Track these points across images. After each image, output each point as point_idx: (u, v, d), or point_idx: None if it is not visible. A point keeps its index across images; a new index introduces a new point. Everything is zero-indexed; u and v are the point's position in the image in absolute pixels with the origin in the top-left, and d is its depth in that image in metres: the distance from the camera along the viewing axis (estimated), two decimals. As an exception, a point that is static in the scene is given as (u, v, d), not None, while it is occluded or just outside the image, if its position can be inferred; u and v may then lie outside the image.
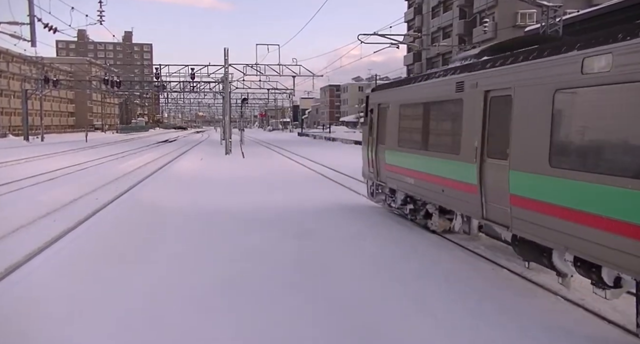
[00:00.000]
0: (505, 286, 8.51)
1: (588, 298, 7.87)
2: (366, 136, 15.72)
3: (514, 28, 51.84)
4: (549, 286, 8.42)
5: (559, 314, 7.34)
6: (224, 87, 46.21)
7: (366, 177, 16.20)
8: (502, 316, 7.13)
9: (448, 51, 67.11)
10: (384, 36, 31.33)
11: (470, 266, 9.63)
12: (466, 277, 8.88)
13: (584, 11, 26.67)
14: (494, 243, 10.78)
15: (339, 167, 29.72)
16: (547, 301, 7.90)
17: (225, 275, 8.96)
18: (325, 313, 7.21)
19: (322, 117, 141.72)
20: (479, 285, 8.43)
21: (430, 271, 9.25)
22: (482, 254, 10.50)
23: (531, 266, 8.77)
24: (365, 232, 12.53)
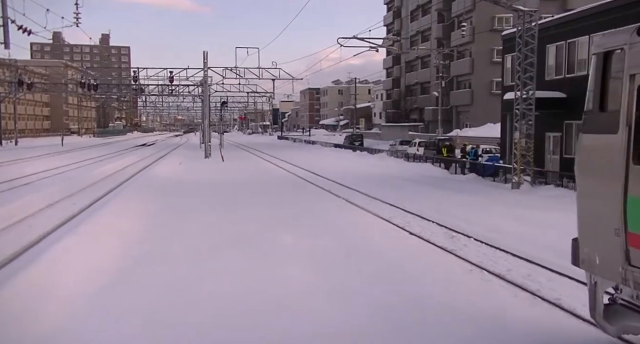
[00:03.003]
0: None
1: (564, 297, 8.00)
2: (599, 155, 5.91)
3: (491, 32, 52.44)
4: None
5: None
6: (203, 91, 45.96)
7: (591, 264, 6.14)
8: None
9: (427, 54, 67.62)
10: (363, 40, 31.45)
11: None
12: None
13: (559, 16, 27.08)
14: None
15: (320, 170, 29.75)
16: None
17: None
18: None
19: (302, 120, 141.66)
20: None
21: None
22: None
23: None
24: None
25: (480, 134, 43.70)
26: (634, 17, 19.66)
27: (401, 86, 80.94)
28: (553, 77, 24.67)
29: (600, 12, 21.74)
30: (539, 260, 10.17)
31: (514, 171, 22.14)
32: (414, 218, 15.16)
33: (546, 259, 10.20)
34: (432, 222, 14.39)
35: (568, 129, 23.71)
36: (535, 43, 21.75)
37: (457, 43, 58.18)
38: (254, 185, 23.51)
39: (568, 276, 9.10)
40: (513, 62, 24.74)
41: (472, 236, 12.42)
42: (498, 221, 14.67)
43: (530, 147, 22.10)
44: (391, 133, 68.59)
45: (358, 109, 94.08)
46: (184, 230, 13.27)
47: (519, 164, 21.90)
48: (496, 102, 33.23)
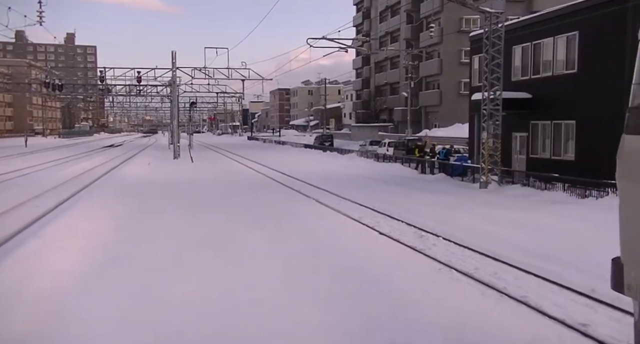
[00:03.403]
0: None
1: (531, 294, 8.10)
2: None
3: (458, 33, 53.02)
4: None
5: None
6: (172, 91, 45.44)
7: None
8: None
9: (396, 55, 68.07)
10: (332, 40, 31.51)
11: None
12: None
13: (524, 18, 27.52)
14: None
15: (290, 171, 29.67)
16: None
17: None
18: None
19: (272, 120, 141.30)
20: None
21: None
22: None
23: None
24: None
25: (448, 134, 44.18)
26: (597, 19, 20.11)
27: (371, 86, 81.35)
28: (519, 78, 25.05)
29: (565, 14, 22.17)
30: (506, 258, 10.28)
31: (482, 171, 22.41)
32: (383, 218, 15.21)
33: (513, 258, 10.32)
34: (402, 221, 14.45)
35: (534, 129, 24.10)
36: (502, 44, 22.06)
37: (426, 44, 58.71)
38: (223, 186, 23.32)
39: (534, 274, 9.23)
40: (480, 63, 25.07)
41: (440, 236, 12.51)
42: (466, 220, 14.82)
43: (498, 147, 22.40)
44: (361, 133, 68.85)
45: (328, 110, 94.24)
46: (152, 232, 13.05)
47: (487, 164, 22.17)
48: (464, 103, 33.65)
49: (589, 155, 20.37)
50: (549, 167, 21.82)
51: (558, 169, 20.88)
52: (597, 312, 7.43)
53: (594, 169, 18.75)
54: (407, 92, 57.71)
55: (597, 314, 7.32)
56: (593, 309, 7.56)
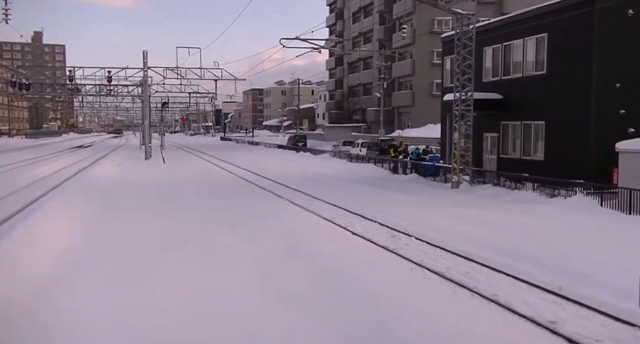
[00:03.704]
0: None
1: (501, 293, 8.20)
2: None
3: (431, 34, 53.49)
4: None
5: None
6: (143, 91, 44.89)
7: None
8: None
9: (369, 56, 68.37)
10: (305, 40, 31.46)
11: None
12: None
13: (495, 19, 27.87)
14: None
15: (263, 171, 29.55)
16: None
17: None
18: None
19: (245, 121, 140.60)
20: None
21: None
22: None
23: None
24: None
25: (421, 134, 44.48)
26: (565, 21, 20.46)
27: (344, 86, 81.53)
28: (490, 79, 25.36)
29: (534, 17, 22.49)
30: (478, 258, 10.40)
31: (454, 171, 22.62)
32: (356, 218, 15.25)
33: (484, 257, 10.44)
34: (374, 222, 14.51)
35: (504, 130, 24.42)
36: (473, 45, 22.30)
37: (399, 45, 59.04)
38: (195, 187, 23.12)
39: (505, 273, 9.34)
40: (452, 64, 25.28)
41: (413, 235, 12.59)
42: (438, 219, 14.94)
43: (469, 147, 22.64)
44: (334, 134, 68.95)
45: (301, 110, 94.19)
46: (123, 233, 12.86)
47: (459, 164, 22.39)
48: (436, 103, 33.90)
49: (558, 155, 20.71)
50: (519, 167, 22.13)
51: (528, 169, 21.19)
52: (564, 309, 7.56)
53: (563, 169, 19.09)
54: (380, 92, 57.99)
55: (565, 312, 7.45)
56: (561, 306, 7.68)
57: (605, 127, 18.93)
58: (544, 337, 6.70)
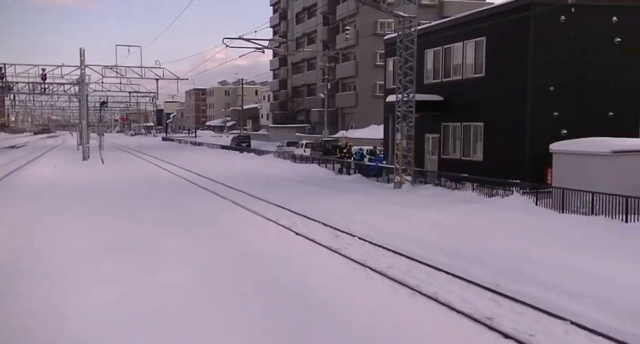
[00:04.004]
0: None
1: (441, 291, 8.35)
2: None
3: (374, 36, 54.12)
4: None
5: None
6: (80, 90, 43.47)
7: None
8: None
9: (313, 57, 68.57)
10: (249, 40, 31.26)
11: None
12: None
13: (435, 22, 28.48)
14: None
15: (206, 172, 29.15)
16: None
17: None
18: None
19: (188, 121, 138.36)
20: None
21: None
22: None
23: None
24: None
25: (365, 135, 44.93)
26: (503, 25, 21.08)
27: (288, 87, 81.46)
28: (431, 81, 25.84)
29: (473, 20, 23.08)
30: (419, 256, 10.56)
31: (396, 171, 22.94)
32: (300, 218, 15.23)
33: (425, 256, 10.61)
34: (318, 222, 14.53)
35: (445, 131, 24.94)
36: (415, 48, 22.68)
37: (342, 46, 59.45)
38: (136, 188, 22.57)
39: (445, 271, 9.52)
40: (395, 66, 25.62)
41: (356, 235, 12.67)
42: (381, 219, 15.10)
43: (411, 148, 23.00)
44: (278, 134, 68.79)
45: (245, 110, 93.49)
46: (58, 236, 12.40)
47: (401, 165, 22.72)
48: (380, 104, 34.28)
49: (496, 156, 21.31)
50: (460, 167, 22.64)
51: (468, 169, 21.70)
52: (501, 306, 7.76)
53: (501, 169, 19.66)
54: (324, 93, 58.23)
55: (502, 308, 7.65)
56: (497, 302, 7.89)
57: (540, 129, 19.60)
58: (482, 333, 6.85)
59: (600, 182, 14.93)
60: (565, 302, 7.81)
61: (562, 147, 17.04)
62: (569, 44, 19.85)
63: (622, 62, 20.34)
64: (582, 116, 19.55)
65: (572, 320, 7.02)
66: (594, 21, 20.11)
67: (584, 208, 14.94)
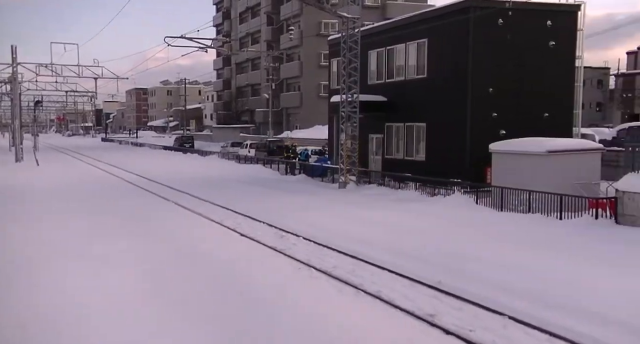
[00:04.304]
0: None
1: (384, 289, 8.42)
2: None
3: (318, 36, 54.28)
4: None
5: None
6: (12, 89, 41.68)
7: None
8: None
9: (257, 57, 68.17)
10: (191, 39, 30.69)
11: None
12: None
13: (378, 24, 28.80)
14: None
15: (148, 174, 28.49)
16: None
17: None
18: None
19: (129, 121, 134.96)
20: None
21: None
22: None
23: None
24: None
25: (309, 135, 45.00)
26: (444, 28, 21.52)
27: (232, 87, 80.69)
28: (375, 81, 26.12)
29: (415, 22, 23.46)
30: (363, 256, 10.62)
31: (341, 171, 23.06)
32: (245, 219, 15.09)
33: (369, 255, 10.68)
34: (263, 222, 14.43)
35: (389, 131, 25.26)
36: (359, 49, 22.86)
37: (286, 46, 59.38)
38: (74, 190, 21.81)
39: (388, 270, 9.61)
40: (339, 67, 25.76)
41: (301, 235, 12.64)
42: (326, 219, 15.13)
43: (356, 148, 23.17)
44: (222, 135, 68.05)
45: (188, 111, 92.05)
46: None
47: (346, 165, 22.86)
48: (324, 105, 34.41)
49: (438, 156, 21.73)
50: (403, 167, 22.96)
51: (411, 169, 22.04)
52: (442, 302, 7.89)
53: (443, 169, 20.05)
54: (268, 93, 57.98)
55: (443, 305, 7.77)
56: (439, 300, 8.01)
57: (480, 130, 20.12)
58: (424, 330, 6.94)
59: (537, 181, 15.44)
60: (504, 298, 8.01)
61: (501, 147, 17.53)
62: (506, 47, 20.46)
63: (556, 65, 21.15)
64: (520, 116, 20.20)
65: (510, 315, 7.20)
66: (529, 25, 20.83)
67: (521, 206, 15.42)
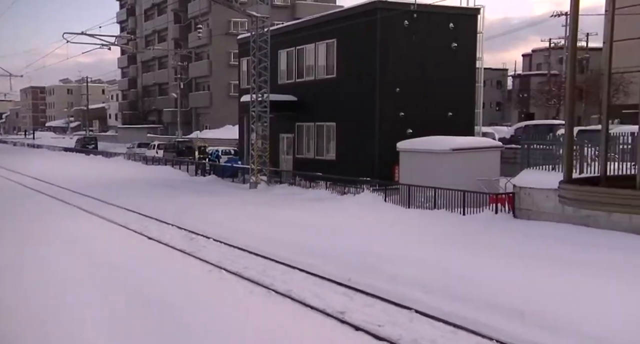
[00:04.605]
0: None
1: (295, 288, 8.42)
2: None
3: (227, 35, 53.59)
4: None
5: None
6: None
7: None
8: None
9: (164, 55, 66.34)
10: (93, 36, 29.40)
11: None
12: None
13: (288, 23, 28.87)
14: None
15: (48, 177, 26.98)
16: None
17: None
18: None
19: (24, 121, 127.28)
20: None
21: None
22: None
23: None
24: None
25: (220, 135, 44.37)
26: (352, 28, 21.87)
27: (138, 86, 78.04)
28: (285, 81, 26.14)
29: (324, 22, 23.69)
30: (274, 256, 10.58)
31: (252, 172, 22.89)
32: (152, 222, 14.65)
33: (280, 255, 10.66)
34: (172, 225, 14.08)
35: (299, 131, 25.37)
36: (268, 48, 22.77)
37: (195, 45, 58.22)
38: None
39: (299, 269, 9.63)
40: (249, 66, 25.55)
41: (211, 237, 12.42)
42: (237, 220, 14.95)
43: (266, 148, 23.08)
44: (129, 135, 65.72)
45: (91, 110, 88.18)
46: None
47: (256, 165, 22.71)
48: (234, 105, 34.02)
49: (348, 155, 22.05)
50: (314, 166, 23.12)
51: (322, 169, 22.22)
52: (352, 299, 8.00)
53: (353, 168, 20.37)
54: (176, 93, 56.54)
55: (353, 302, 7.88)
56: (349, 297, 8.12)
57: (388, 129, 20.61)
58: (334, 327, 7.00)
59: (442, 178, 16.01)
60: (412, 292, 8.23)
61: (408, 146, 18.05)
62: (412, 48, 21.10)
63: (458, 66, 22.06)
64: (425, 115, 20.88)
65: (417, 309, 7.41)
66: (433, 27, 21.58)
67: (427, 203, 15.94)
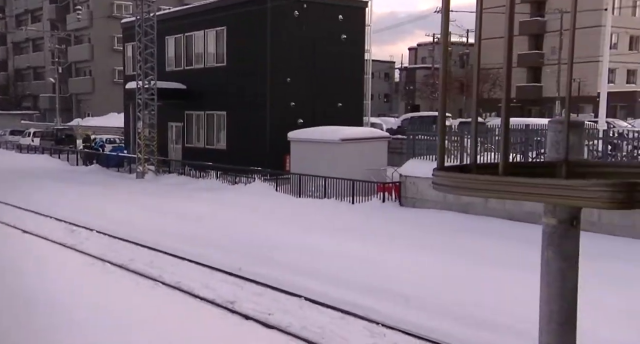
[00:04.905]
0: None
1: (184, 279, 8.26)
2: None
3: (110, 18, 51.07)
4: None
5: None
6: None
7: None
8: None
9: (40, 37, 62.03)
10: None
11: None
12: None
13: (176, 9, 28.01)
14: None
15: None
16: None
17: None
18: None
19: None
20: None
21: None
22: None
23: None
24: None
25: (104, 123, 42.34)
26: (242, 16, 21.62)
27: (9, 69, 72.41)
28: (174, 68, 25.37)
29: (213, 9, 23.22)
30: (162, 246, 10.31)
31: (139, 161, 22.07)
32: (28, 214, 13.77)
33: (168, 245, 10.41)
34: (51, 217, 13.32)
35: (189, 119, 24.76)
36: (155, 34, 21.97)
37: (74, 27, 54.99)
38: None
39: (188, 260, 9.45)
40: (134, 52, 24.53)
41: (94, 229, 11.88)
42: (123, 211, 14.37)
43: (154, 137, 22.31)
44: (0, 122, 60.95)
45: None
46: None
47: (144, 154, 21.92)
48: (119, 91, 32.57)
49: (239, 144, 21.85)
50: (205, 156, 22.67)
51: (213, 158, 21.84)
52: (243, 289, 7.98)
53: (244, 157, 20.23)
54: (54, 78, 53.10)
55: (243, 291, 7.86)
56: (240, 286, 8.09)
57: (280, 118, 20.64)
58: (224, 317, 6.95)
59: (332, 167, 16.32)
60: (302, 280, 8.34)
61: (298, 136, 18.21)
62: (302, 38, 21.24)
63: (348, 57, 22.49)
64: (316, 106, 21.15)
65: (306, 296, 7.52)
66: (323, 18, 21.84)
67: (318, 192, 16.20)
